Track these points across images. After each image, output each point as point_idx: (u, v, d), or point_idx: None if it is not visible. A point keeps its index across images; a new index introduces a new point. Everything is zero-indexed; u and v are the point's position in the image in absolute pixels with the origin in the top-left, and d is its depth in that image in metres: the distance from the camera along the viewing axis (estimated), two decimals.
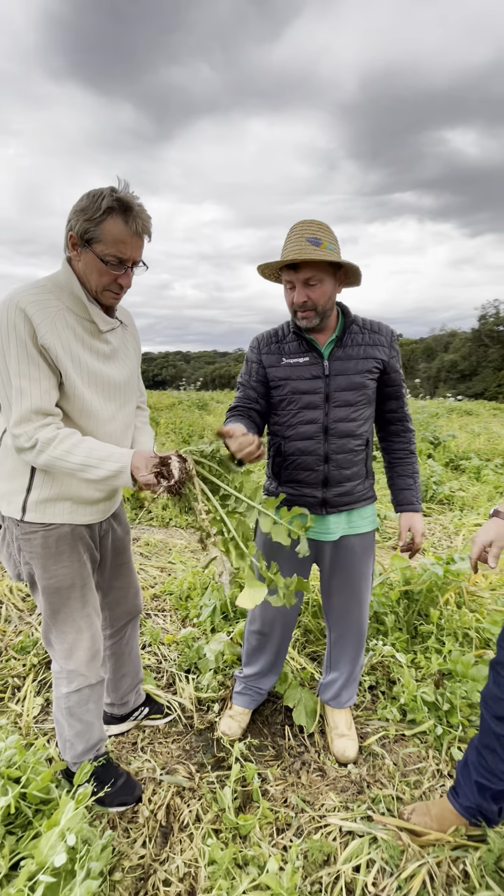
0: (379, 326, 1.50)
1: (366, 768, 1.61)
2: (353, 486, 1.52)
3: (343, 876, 1.25)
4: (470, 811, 1.30)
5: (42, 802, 1.39)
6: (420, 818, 1.36)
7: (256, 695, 1.80)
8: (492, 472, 5.48)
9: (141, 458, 1.14)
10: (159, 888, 1.22)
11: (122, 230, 1.14)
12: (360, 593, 1.63)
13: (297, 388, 1.47)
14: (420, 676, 1.95)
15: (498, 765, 1.22)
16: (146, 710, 1.82)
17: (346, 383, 1.44)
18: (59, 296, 1.19)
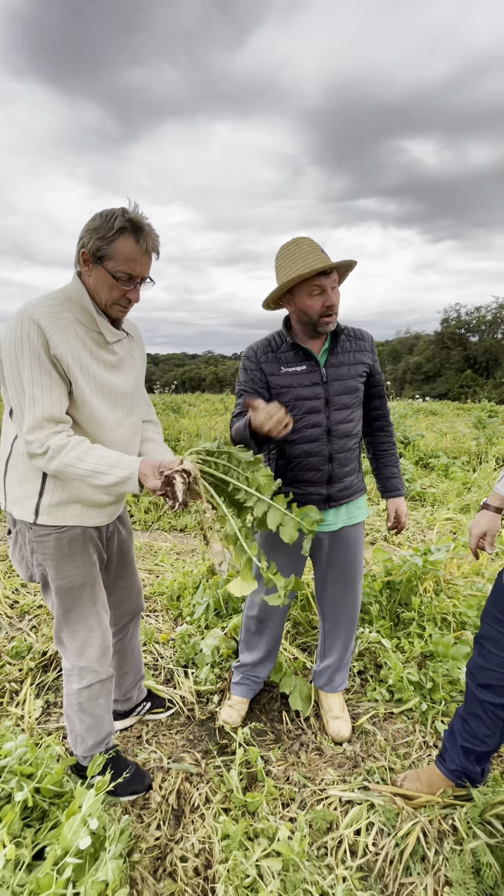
0: (361, 333, 1.65)
1: (359, 745, 1.74)
2: (350, 480, 1.65)
3: (346, 839, 1.36)
4: (456, 774, 1.44)
5: (56, 796, 1.44)
6: (412, 783, 1.50)
7: (254, 684, 1.90)
8: (459, 469, 5.78)
9: (148, 466, 1.21)
10: (177, 864, 1.30)
11: (133, 248, 1.22)
12: (354, 581, 1.76)
13: (299, 394, 1.56)
14: (405, 659, 2.10)
15: (481, 729, 1.36)
16: (148, 705, 1.89)
17: (342, 388, 1.57)
18: (69, 308, 1.25)
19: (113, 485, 1.21)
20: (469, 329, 43.19)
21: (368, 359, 1.62)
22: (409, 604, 2.39)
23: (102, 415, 1.32)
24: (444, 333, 43.42)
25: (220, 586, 2.52)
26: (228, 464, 1.38)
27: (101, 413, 1.32)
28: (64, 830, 1.21)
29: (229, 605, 2.45)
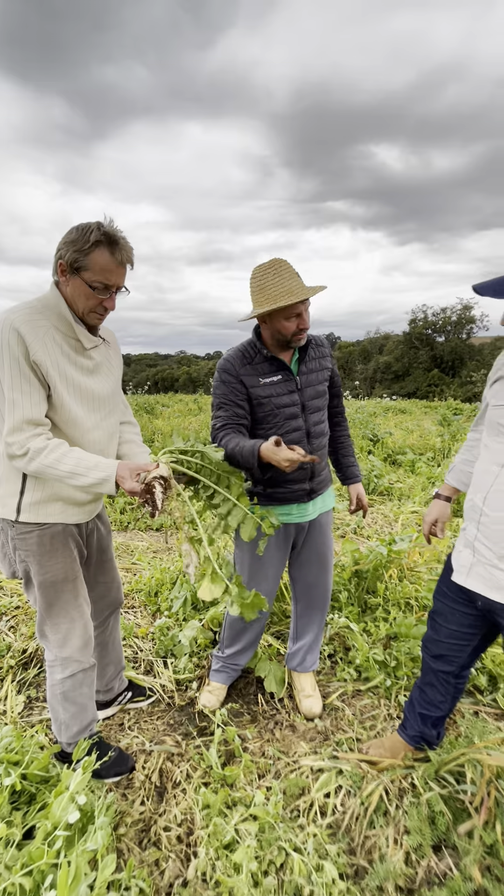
0: (322, 340, 1.79)
1: (329, 720, 1.87)
2: (326, 473, 1.82)
3: (316, 802, 1.49)
4: (415, 739, 1.59)
5: (42, 781, 1.51)
6: (376, 750, 1.64)
7: (233, 671, 2.00)
8: (424, 464, 6.05)
9: (125, 469, 1.29)
10: (161, 834, 1.40)
11: (108, 260, 1.29)
12: (327, 562, 1.90)
13: (279, 403, 1.65)
14: (371, 641, 2.25)
15: (436, 696, 1.51)
16: (130, 695, 1.97)
17: (314, 393, 1.70)
18: (47, 316, 1.32)
19: (90, 486, 1.29)
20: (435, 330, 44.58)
21: (329, 363, 1.77)
22: (376, 590, 2.55)
23: (80, 417, 1.39)
24: (412, 334, 44.65)
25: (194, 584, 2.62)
26: (201, 462, 1.48)
27: (79, 416, 1.39)
28: (53, 807, 1.28)
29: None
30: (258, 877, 1.25)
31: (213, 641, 2.31)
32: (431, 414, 12.69)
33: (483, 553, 1.23)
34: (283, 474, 1.71)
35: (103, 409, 1.47)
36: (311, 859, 1.29)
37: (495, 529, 1.20)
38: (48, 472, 1.27)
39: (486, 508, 1.22)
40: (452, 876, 1.28)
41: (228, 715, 1.88)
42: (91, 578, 1.65)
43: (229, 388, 1.62)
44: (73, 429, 1.38)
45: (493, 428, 1.23)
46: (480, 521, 1.24)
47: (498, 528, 1.19)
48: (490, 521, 1.21)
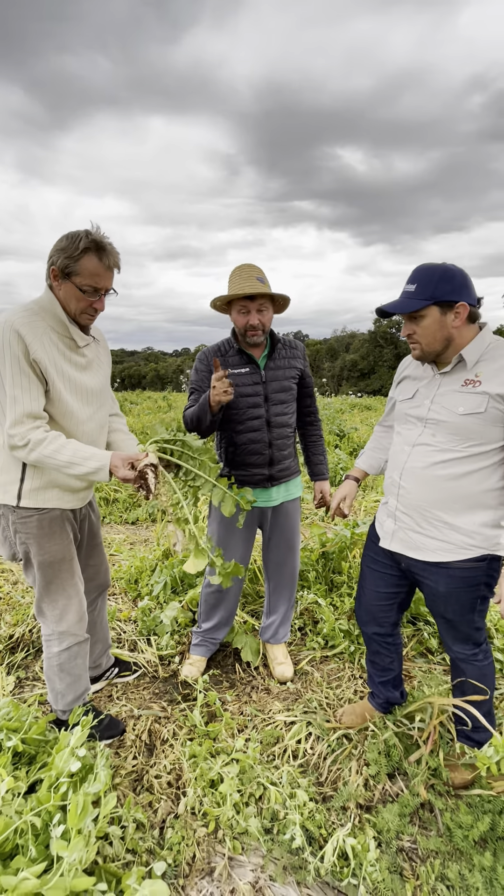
0: (295, 344, 1.99)
1: (300, 683, 2.10)
2: (288, 462, 1.99)
3: (289, 748, 1.70)
4: (383, 706, 1.79)
5: (40, 745, 1.65)
6: (349, 717, 1.83)
7: (211, 644, 2.19)
8: None
9: (118, 458, 1.44)
10: (152, 781, 1.57)
11: (97, 265, 1.44)
12: (293, 546, 2.11)
13: (242, 392, 1.87)
14: (337, 614, 2.49)
15: (384, 660, 1.74)
16: (116, 670, 2.12)
17: (278, 387, 1.90)
18: (43, 317, 1.46)
19: (86, 474, 1.43)
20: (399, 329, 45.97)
21: (300, 364, 1.97)
22: (341, 570, 2.79)
23: (75, 410, 1.54)
24: (377, 333, 45.89)
25: (175, 566, 2.78)
26: (182, 450, 1.65)
27: (74, 409, 1.54)
28: (55, 760, 1.43)
29: (185, 581, 2.72)
30: (240, 806, 1.45)
31: (193, 620, 2.49)
32: None
33: (403, 520, 1.49)
34: (246, 455, 1.91)
35: (95, 402, 1.61)
36: (286, 790, 1.50)
37: (411, 499, 1.45)
38: (47, 461, 1.41)
39: (403, 482, 1.48)
40: (403, 794, 1.52)
41: (209, 682, 2.07)
42: (82, 561, 1.79)
43: (200, 377, 1.88)
44: (68, 421, 1.52)
45: (402, 418, 1.52)
46: (399, 493, 1.49)
47: (413, 498, 1.45)
48: (406, 493, 1.47)
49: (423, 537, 1.45)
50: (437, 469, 1.39)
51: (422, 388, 1.45)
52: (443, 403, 1.38)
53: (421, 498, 1.43)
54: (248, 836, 1.39)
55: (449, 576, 1.42)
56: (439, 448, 1.39)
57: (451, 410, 1.35)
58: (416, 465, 1.44)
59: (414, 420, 1.46)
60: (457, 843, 1.35)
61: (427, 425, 1.42)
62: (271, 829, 1.42)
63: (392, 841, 1.37)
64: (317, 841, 1.39)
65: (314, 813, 1.43)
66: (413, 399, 1.47)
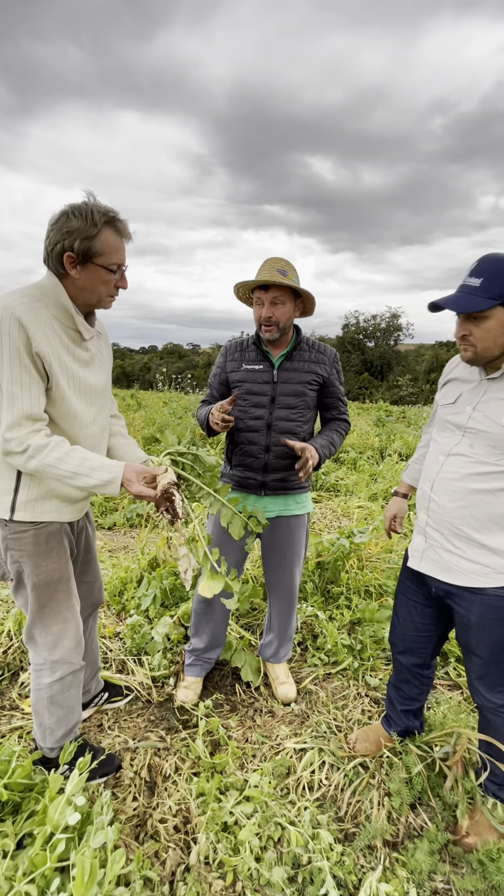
0: (324, 348, 1.82)
1: (305, 703, 1.98)
2: (288, 474, 1.82)
3: (303, 779, 1.58)
4: (401, 733, 1.68)
5: (25, 790, 1.45)
6: (362, 745, 1.70)
7: (205, 664, 2.04)
8: (365, 462, 6.44)
9: (132, 472, 1.27)
10: (157, 826, 1.41)
11: (116, 239, 1.26)
12: (290, 565, 1.94)
13: (250, 389, 1.76)
14: (337, 627, 2.40)
15: (412, 690, 1.62)
16: (106, 695, 1.93)
17: (289, 390, 1.76)
18: (46, 304, 1.26)
19: (93, 487, 1.25)
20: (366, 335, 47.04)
21: (324, 371, 1.78)
22: (336, 580, 2.71)
23: (79, 411, 1.36)
24: (345, 338, 46.74)
25: (164, 578, 2.61)
26: (193, 464, 1.51)
27: (78, 410, 1.35)
28: (49, 812, 1.25)
29: (175, 594, 2.55)
30: (258, 852, 1.31)
31: (186, 637, 2.32)
32: (364, 415, 13.43)
33: (434, 537, 1.37)
34: (242, 456, 1.80)
35: (99, 402, 1.44)
36: (307, 830, 1.38)
37: (442, 512, 1.34)
38: (49, 470, 1.23)
39: (434, 495, 1.36)
40: (428, 827, 1.43)
41: (210, 707, 1.92)
42: (77, 578, 1.60)
43: (215, 371, 1.88)
44: (71, 423, 1.34)
45: (441, 424, 1.40)
46: (429, 507, 1.38)
47: (444, 512, 1.33)
48: (437, 507, 1.35)
49: (455, 557, 1.32)
50: (470, 482, 1.28)
51: (465, 392, 1.33)
52: (485, 412, 1.26)
53: (452, 512, 1.31)
54: (271, 887, 1.25)
55: (483, 603, 1.29)
56: (475, 460, 1.28)
57: (494, 420, 1.24)
58: (448, 476, 1.32)
59: (452, 427, 1.35)
60: (490, 878, 1.28)
61: (466, 434, 1.30)
62: (295, 877, 1.30)
63: (425, 883, 1.28)
64: (346, 888, 1.27)
65: (343, 857, 1.31)
66: (455, 404, 1.35)
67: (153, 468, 1.31)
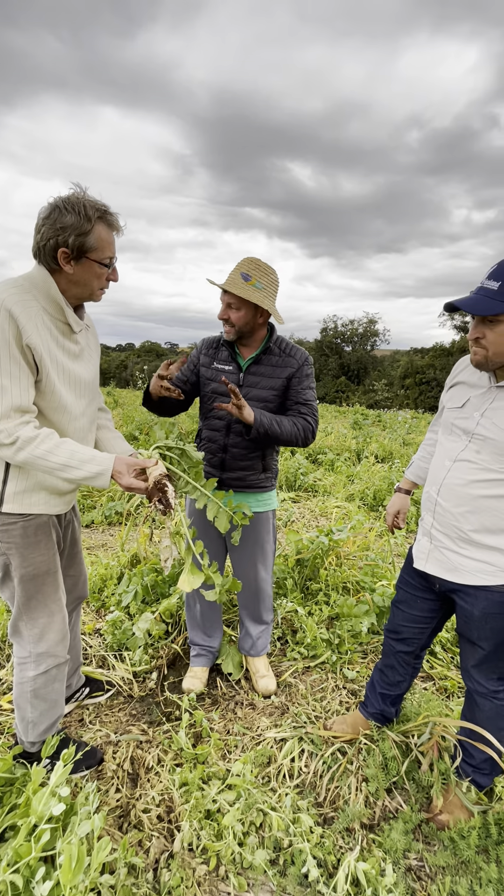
0: (295, 352, 1.80)
1: (284, 696, 2.03)
2: (245, 475, 1.83)
3: (283, 767, 1.63)
4: (376, 717, 1.74)
5: (6, 784, 1.44)
6: (339, 726, 1.78)
7: (210, 654, 2.09)
8: (342, 463, 6.56)
9: (123, 464, 1.28)
10: (141, 816, 1.42)
11: (108, 233, 1.28)
12: (254, 561, 1.96)
13: (215, 389, 1.78)
14: (316, 622, 2.45)
15: (395, 677, 1.67)
16: (87, 690, 1.93)
17: (253, 395, 1.75)
18: (36, 296, 1.26)
19: (83, 479, 1.26)
20: (344, 340, 47.76)
21: (287, 375, 1.74)
22: (317, 577, 2.77)
23: (69, 404, 1.36)
24: (323, 342, 47.33)
25: (145, 574, 2.61)
26: (180, 459, 1.53)
27: (68, 402, 1.36)
28: (33, 804, 1.25)
29: (156, 590, 2.56)
30: (241, 837, 1.35)
31: (167, 632, 2.34)
32: (341, 418, 13.66)
33: (440, 539, 1.40)
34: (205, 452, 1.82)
35: (88, 394, 1.44)
36: (288, 815, 1.42)
37: (448, 517, 1.37)
38: (38, 462, 1.23)
39: (440, 499, 1.39)
40: (403, 809, 1.50)
41: (193, 700, 1.94)
42: (63, 571, 1.60)
43: (190, 358, 1.87)
44: (60, 416, 1.34)
45: (447, 428, 1.42)
46: (435, 510, 1.41)
47: (450, 517, 1.36)
48: (443, 510, 1.38)
49: (461, 557, 1.35)
50: (476, 488, 1.29)
51: (474, 397, 1.33)
52: (493, 419, 1.26)
53: (458, 517, 1.33)
54: (253, 870, 1.29)
55: (487, 599, 1.32)
56: (482, 466, 1.28)
57: (501, 428, 1.23)
58: (454, 481, 1.34)
59: (459, 432, 1.35)
60: (461, 854, 1.35)
61: (473, 440, 1.31)
62: (276, 859, 1.34)
63: (400, 861, 1.34)
64: (325, 868, 1.32)
65: (323, 839, 1.36)
66: (462, 409, 1.35)
67: (144, 461, 1.32)
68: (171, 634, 2.32)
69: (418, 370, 37.78)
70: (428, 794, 1.55)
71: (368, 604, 2.46)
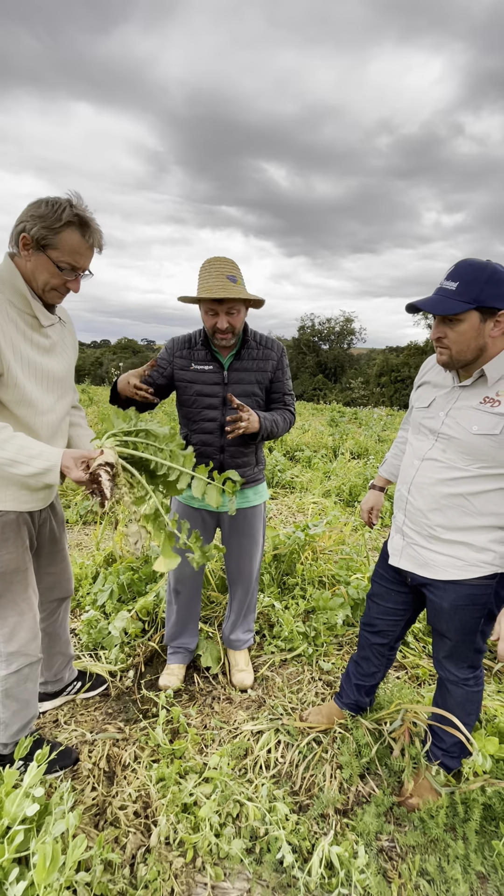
0: (271, 343, 1.84)
1: (261, 689, 2.05)
2: (244, 471, 1.86)
3: (260, 758, 1.65)
4: (350, 707, 1.78)
5: None
6: (315, 717, 1.81)
7: (186, 652, 2.09)
8: (319, 460, 6.64)
9: (70, 458, 1.24)
10: (117, 813, 1.42)
11: (79, 242, 1.27)
12: (250, 552, 2.01)
13: (200, 391, 1.76)
14: (293, 616, 2.49)
15: (370, 668, 1.71)
16: (79, 685, 1.91)
17: (240, 390, 1.76)
18: (1, 289, 1.25)
19: (32, 475, 1.23)
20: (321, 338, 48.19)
21: (271, 367, 1.80)
22: (293, 571, 2.80)
23: (35, 398, 1.34)
24: (301, 340, 47.63)
25: (121, 573, 2.59)
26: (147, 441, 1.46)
27: (34, 396, 1.34)
28: (6, 805, 1.23)
29: (132, 589, 2.55)
30: (218, 829, 1.36)
31: (143, 630, 2.33)
32: (318, 416, 13.81)
33: (411, 536, 1.43)
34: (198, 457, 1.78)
35: (58, 390, 1.42)
36: (264, 804, 1.44)
37: (418, 515, 1.40)
38: None
39: (411, 497, 1.42)
40: (375, 794, 1.54)
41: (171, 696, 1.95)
42: (40, 569, 1.58)
43: (160, 364, 1.80)
44: (25, 410, 1.32)
45: (416, 427, 1.45)
46: (406, 508, 1.44)
47: (420, 514, 1.39)
48: (413, 508, 1.41)
49: (431, 553, 1.38)
50: (444, 486, 1.32)
51: (439, 397, 1.35)
52: (457, 419, 1.28)
53: (428, 514, 1.36)
54: (229, 860, 1.31)
55: (456, 592, 1.35)
56: (448, 465, 1.31)
57: (465, 427, 1.26)
58: (423, 480, 1.37)
59: (426, 432, 1.38)
60: (430, 833, 1.40)
61: (439, 439, 1.33)
62: (252, 848, 1.36)
63: (372, 843, 1.38)
64: (300, 854, 1.35)
65: (298, 826, 1.39)
66: (429, 409, 1.38)
67: (89, 451, 1.26)
68: (149, 632, 2.31)
69: (393, 368, 38.50)
70: (399, 778, 1.60)
71: (343, 597, 2.51)
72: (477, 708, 1.50)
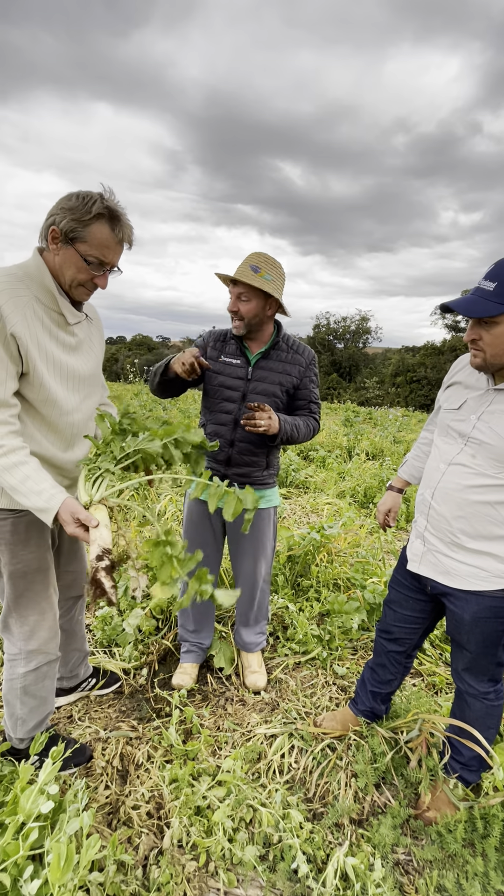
0: (302, 349, 1.83)
1: (275, 692, 2.03)
2: (251, 470, 1.83)
3: (273, 763, 1.63)
4: (366, 714, 1.75)
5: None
6: (329, 723, 1.78)
7: (200, 651, 2.08)
8: (334, 461, 6.58)
9: (68, 512, 1.16)
10: (130, 813, 1.42)
11: (109, 236, 1.24)
12: (256, 557, 1.96)
13: (223, 383, 1.78)
14: (307, 618, 2.46)
15: (386, 675, 1.67)
16: (94, 682, 1.92)
17: (260, 389, 1.76)
18: (28, 285, 1.24)
19: (28, 508, 1.20)
20: (336, 337, 47.81)
21: (297, 373, 1.78)
22: (308, 573, 2.77)
23: (60, 398, 1.33)
24: (316, 338, 47.32)
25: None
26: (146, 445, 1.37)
27: (59, 396, 1.33)
28: (21, 801, 1.24)
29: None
30: (231, 834, 1.35)
31: (157, 628, 2.33)
32: (332, 415, 13.70)
33: (433, 542, 1.39)
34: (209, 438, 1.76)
35: (84, 389, 1.42)
36: (278, 810, 1.42)
37: (442, 521, 1.35)
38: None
39: (434, 503, 1.37)
40: (391, 804, 1.51)
41: (184, 696, 1.94)
42: (60, 567, 1.58)
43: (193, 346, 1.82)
44: (51, 409, 1.31)
45: (443, 429, 1.40)
46: (429, 514, 1.39)
47: (444, 521, 1.34)
48: (437, 514, 1.36)
49: (454, 562, 1.33)
50: (471, 493, 1.27)
51: (471, 399, 1.30)
52: (490, 423, 1.23)
53: (451, 521, 1.31)
54: (243, 866, 1.29)
55: (478, 604, 1.31)
56: (476, 471, 1.25)
57: (498, 433, 1.20)
58: (449, 486, 1.31)
59: (455, 435, 1.32)
60: (448, 848, 1.37)
61: (468, 444, 1.28)
62: (266, 855, 1.34)
63: (388, 855, 1.35)
64: (314, 863, 1.33)
65: (312, 834, 1.37)
66: (459, 411, 1.32)
67: (84, 515, 1.16)
68: (162, 630, 2.31)
69: (409, 368, 38.01)
70: (416, 789, 1.56)
71: (359, 600, 2.48)
72: (497, 722, 1.46)
